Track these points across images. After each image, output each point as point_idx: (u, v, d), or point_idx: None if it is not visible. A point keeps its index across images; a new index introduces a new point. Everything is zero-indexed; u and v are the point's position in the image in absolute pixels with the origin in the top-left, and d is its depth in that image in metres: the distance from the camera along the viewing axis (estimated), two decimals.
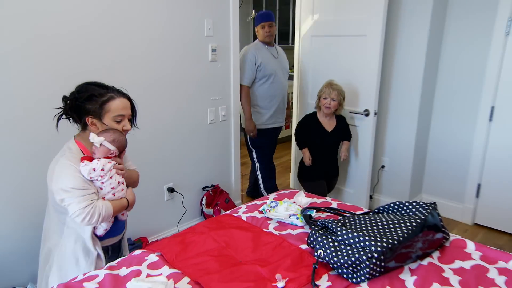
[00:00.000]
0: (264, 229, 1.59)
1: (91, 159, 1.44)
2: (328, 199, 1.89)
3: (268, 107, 3.07)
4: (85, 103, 1.42)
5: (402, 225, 1.27)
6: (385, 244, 1.19)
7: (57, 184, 1.39)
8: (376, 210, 1.55)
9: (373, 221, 1.36)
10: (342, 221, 1.42)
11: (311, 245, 1.40)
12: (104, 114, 1.44)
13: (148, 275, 1.27)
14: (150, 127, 2.51)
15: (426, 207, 1.39)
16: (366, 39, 2.84)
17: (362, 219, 1.41)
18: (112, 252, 1.63)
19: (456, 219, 3.19)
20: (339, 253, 1.26)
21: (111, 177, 1.48)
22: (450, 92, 3.04)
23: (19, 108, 1.89)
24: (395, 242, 1.20)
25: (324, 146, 2.86)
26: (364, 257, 1.18)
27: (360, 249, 1.21)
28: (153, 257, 1.37)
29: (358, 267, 1.20)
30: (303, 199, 1.83)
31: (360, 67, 2.93)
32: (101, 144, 1.42)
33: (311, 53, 3.28)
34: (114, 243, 1.65)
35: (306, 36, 3.29)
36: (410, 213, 1.42)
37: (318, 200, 1.87)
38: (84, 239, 1.48)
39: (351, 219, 1.43)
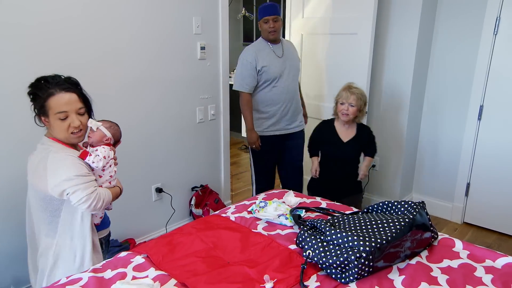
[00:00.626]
0: (252, 230, 1.59)
1: (87, 153, 1.43)
2: (318, 198, 1.90)
3: (269, 112, 2.68)
4: (32, 102, 1.40)
5: (391, 224, 1.28)
6: (373, 244, 1.20)
7: (57, 178, 1.37)
8: (365, 210, 1.56)
9: (362, 221, 1.36)
10: (331, 221, 1.42)
11: (300, 246, 1.41)
12: (47, 111, 1.39)
13: (134, 278, 1.26)
14: (138, 126, 2.49)
15: (415, 207, 1.40)
16: (357, 37, 2.85)
17: (351, 219, 1.41)
18: (104, 246, 1.65)
19: (446, 218, 3.22)
20: (327, 253, 1.26)
21: (110, 165, 1.52)
22: (440, 91, 3.07)
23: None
24: (384, 241, 1.21)
25: (336, 158, 2.53)
26: (352, 257, 1.18)
27: (349, 249, 1.22)
28: (139, 259, 1.36)
29: (347, 267, 1.21)
30: (292, 199, 1.83)
31: (351, 65, 2.94)
32: (98, 128, 1.43)
33: (302, 51, 3.28)
34: (105, 235, 1.68)
35: (296, 34, 3.29)
36: (399, 213, 1.43)
37: (307, 200, 1.87)
38: (80, 233, 1.47)
39: (340, 219, 1.43)
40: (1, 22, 1.83)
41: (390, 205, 1.47)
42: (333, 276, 1.24)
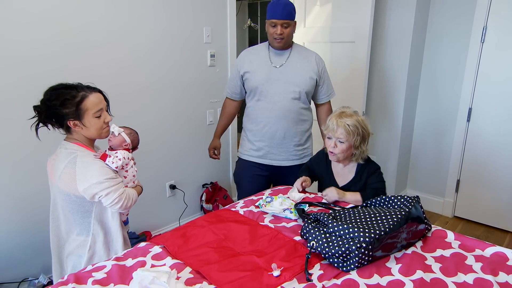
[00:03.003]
0: (260, 223, 1.60)
1: (106, 155, 1.45)
2: (320, 194, 1.90)
3: (251, 131, 2.12)
4: (60, 109, 1.35)
5: (388, 217, 1.29)
6: (372, 235, 1.20)
7: (87, 182, 1.36)
8: (364, 204, 1.56)
9: (361, 214, 1.37)
10: (333, 215, 1.43)
11: (304, 237, 1.41)
12: (83, 113, 1.38)
13: (153, 266, 1.27)
14: (153, 128, 2.51)
15: (410, 201, 1.40)
16: (355, 46, 2.85)
17: (351, 212, 1.42)
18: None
19: (437, 212, 3.22)
20: (330, 244, 1.27)
21: (132, 166, 1.55)
22: (432, 95, 3.07)
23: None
24: (382, 233, 1.22)
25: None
26: (353, 247, 1.19)
27: (350, 240, 1.22)
28: (157, 249, 1.37)
29: (348, 257, 1.21)
30: (296, 194, 1.83)
31: (349, 71, 2.94)
32: (119, 134, 1.44)
33: None
34: (129, 232, 1.68)
35: (298, 43, 3.29)
36: (396, 206, 1.44)
37: (310, 196, 1.88)
38: (111, 229, 1.49)
39: (341, 213, 1.44)
40: (30, 34, 1.86)
41: (387, 199, 1.48)
42: (335, 265, 1.25)
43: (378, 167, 1.81)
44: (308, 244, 1.34)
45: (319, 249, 1.29)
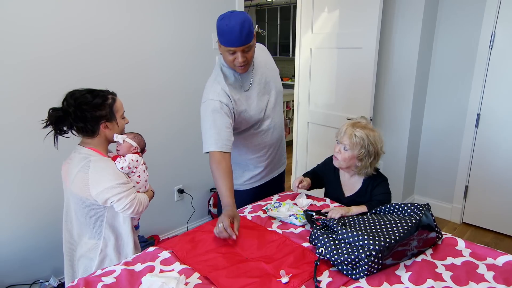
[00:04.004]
0: (268, 228, 1.58)
1: (119, 157, 1.46)
2: (328, 200, 1.88)
3: (251, 160, 1.91)
4: (95, 111, 1.39)
5: (399, 225, 1.26)
6: (382, 243, 1.18)
7: (100, 186, 1.37)
8: (374, 211, 1.54)
9: (371, 221, 1.34)
10: (342, 221, 1.41)
11: (313, 243, 1.39)
12: (115, 115, 1.45)
13: (161, 271, 1.26)
14: (161, 133, 2.52)
15: (421, 208, 1.37)
16: (362, 51, 2.83)
17: (361, 219, 1.39)
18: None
19: (445, 218, 3.17)
20: (339, 251, 1.25)
21: (144, 171, 1.54)
22: (440, 100, 3.03)
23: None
24: (392, 241, 1.19)
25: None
26: (363, 255, 1.17)
27: (359, 248, 1.20)
28: (165, 254, 1.36)
29: (357, 264, 1.19)
30: (304, 200, 1.81)
31: (356, 77, 2.92)
32: (124, 140, 1.44)
33: (311, 64, 3.28)
34: (138, 235, 1.69)
35: (305, 49, 3.29)
36: (406, 214, 1.41)
37: (318, 203, 1.84)
38: (123, 234, 1.49)
39: (351, 219, 1.42)
40: (47, 41, 1.88)
41: (397, 206, 1.44)
42: (344, 272, 1.23)
43: (384, 178, 1.76)
44: (317, 251, 1.32)
45: (328, 256, 1.27)
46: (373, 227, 1.29)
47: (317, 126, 3.25)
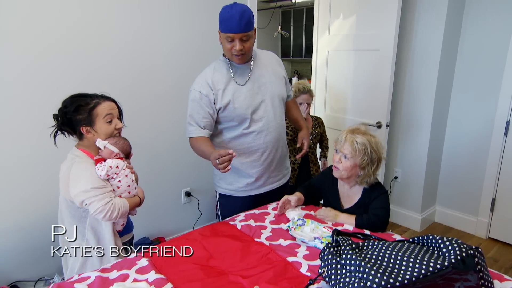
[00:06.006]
0: (255, 239, 1.51)
1: (103, 160, 1.45)
2: (314, 214, 1.69)
3: (244, 164, 1.83)
4: (74, 115, 1.41)
5: (418, 265, 1.02)
6: (383, 282, 0.99)
7: (76, 188, 1.38)
8: (411, 240, 1.24)
9: (394, 250, 1.11)
10: (359, 245, 1.21)
11: (320, 260, 1.22)
12: (95, 119, 1.43)
13: (135, 280, 1.24)
14: (170, 135, 2.52)
15: (464, 250, 1.04)
16: (379, 53, 2.68)
17: (380, 246, 1.17)
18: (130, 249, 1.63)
19: (470, 232, 2.93)
20: (338, 276, 1.10)
21: (126, 176, 1.50)
22: (465, 105, 2.81)
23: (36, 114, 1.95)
24: (397, 283, 0.98)
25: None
26: None
27: (357, 279, 1.04)
28: (143, 262, 1.34)
29: None
30: (291, 212, 1.69)
31: (373, 80, 2.77)
32: (105, 147, 1.43)
33: (327, 67, 3.16)
34: (129, 239, 1.67)
35: (322, 51, 3.18)
36: (440, 253, 1.08)
37: (310, 213, 1.73)
38: (104, 238, 1.48)
39: (371, 244, 1.20)
40: (54, 44, 1.92)
41: (439, 240, 1.12)
42: None
43: (384, 191, 1.63)
44: (319, 270, 1.20)
45: (327, 278, 1.14)
46: (386, 258, 1.08)
47: (332, 131, 3.12)
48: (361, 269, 1.04)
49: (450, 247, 1.06)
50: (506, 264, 2.54)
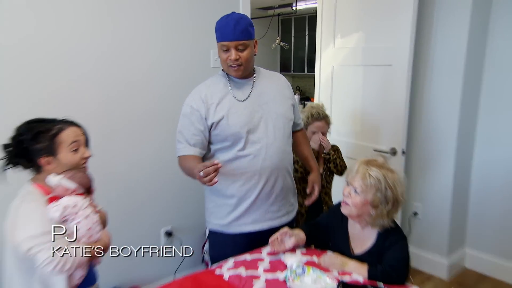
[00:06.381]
0: None
1: (58, 198, 1.40)
2: (317, 261, 1.63)
3: (235, 196, 1.85)
4: (32, 144, 1.37)
5: None
6: None
7: (23, 233, 1.31)
8: None
9: None
10: None
11: None
12: (58, 147, 1.39)
13: None
14: (147, 164, 2.49)
15: None
16: (392, 69, 2.71)
17: None
18: None
19: (508, 281, 2.85)
20: None
21: (86, 216, 1.42)
22: (496, 127, 2.81)
23: None
24: None
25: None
26: None
27: None
28: None
29: None
30: (291, 257, 1.63)
31: (385, 100, 2.79)
32: (57, 184, 1.38)
33: (332, 84, 3.18)
34: (114, 286, 1.59)
35: (326, 66, 3.21)
36: None
37: (312, 258, 1.68)
38: None
39: None
40: (12, 62, 1.92)
41: None
42: None
43: (402, 236, 1.58)
44: None
45: None
46: None
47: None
48: None
49: None
50: None
